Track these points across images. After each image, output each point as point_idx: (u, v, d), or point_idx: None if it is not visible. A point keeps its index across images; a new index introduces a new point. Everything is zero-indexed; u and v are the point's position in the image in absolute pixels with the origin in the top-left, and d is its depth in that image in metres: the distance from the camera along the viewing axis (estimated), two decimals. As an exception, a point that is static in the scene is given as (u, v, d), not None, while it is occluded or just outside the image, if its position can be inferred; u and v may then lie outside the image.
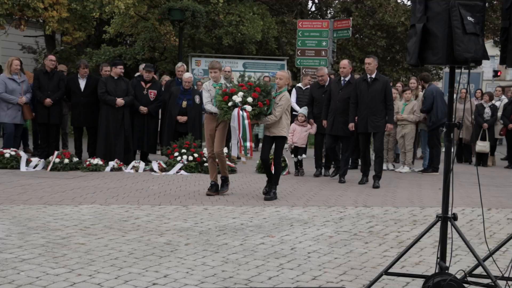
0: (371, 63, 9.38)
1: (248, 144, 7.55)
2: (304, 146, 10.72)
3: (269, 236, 5.71)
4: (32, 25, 20.14)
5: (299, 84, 12.94)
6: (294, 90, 12.11)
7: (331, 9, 28.86)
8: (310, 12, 29.06)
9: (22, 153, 10.34)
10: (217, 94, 7.72)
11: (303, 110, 10.47)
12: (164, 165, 10.34)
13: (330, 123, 9.85)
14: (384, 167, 12.05)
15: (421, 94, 12.03)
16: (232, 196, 8.01)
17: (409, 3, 26.96)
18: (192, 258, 4.80)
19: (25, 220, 6.02)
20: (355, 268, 4.71)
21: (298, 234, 5.83)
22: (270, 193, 7.84)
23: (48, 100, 10.68)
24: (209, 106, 7.97)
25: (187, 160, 10.32)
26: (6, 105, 10.54)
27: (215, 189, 8.05)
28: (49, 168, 9.98)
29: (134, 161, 10.50)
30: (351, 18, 19.40)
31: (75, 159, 10.30)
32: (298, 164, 10.61)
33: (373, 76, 9.40)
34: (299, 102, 13.37)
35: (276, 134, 7.74)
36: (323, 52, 18.04)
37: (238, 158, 9.57)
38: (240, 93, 7.50)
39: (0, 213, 6.34)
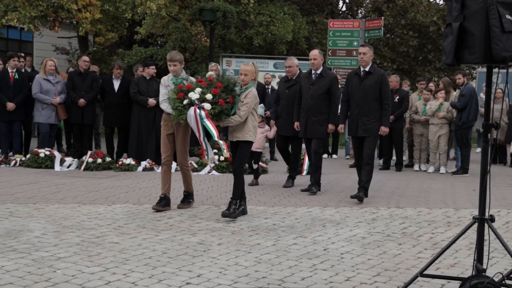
0: (366, 53, 7.87)
1: (219, 141, 6.62)
2: (260, 150, 9.25)
3: (302, 236, 5.69)
4: (66, 26, 20.44)
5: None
6: None
7: (362, 8, 28.68)
8: (341, 12, 28.92)
9: (56, 153, 10.51)
10: (171, 91, 6.62)
11: (259, 109, 9.43)
12: (195, 165, 10.38)
13: (303, 124, 8.44)
14: (416, 168, 11.95)
15: (453, 94, 11.86)
16: (263, 197, 8.00)
17: (441, 2, 26.64)
18: (225, 258, 4.81)
19: (60, 219, 6.11)
20: (389, 269, 4.66)
21: (331, 235, 5.80)
22: (229, 208, 6.45)
23: (81, 101, 10.83)
24: (165, 105, 6.85)
25: (218, 160, 10.35)
26: (41, 105, 10.71)
27: (163, 203, 6.81)
28: (82, 167, 10.11)
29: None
30: (382, 18, 19.24)
31: (108, 159, 10.42)
32: (254, 172, 9.18)
33: (367, 69, 7.92)
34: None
35: (240, 138, 6.50)
36: (354, 52, 17.93)
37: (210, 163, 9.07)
38: (198, 89, 6.35)
39: (36, 212, 6.44)
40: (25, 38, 24.49)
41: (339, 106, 8.47)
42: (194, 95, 6.30)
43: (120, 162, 10.29)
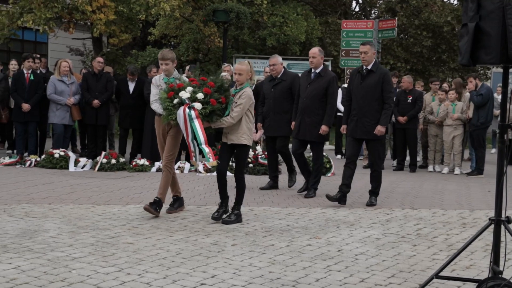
0: (367, 51, 7.46)
1: (205, 148, 6.02)
2: None
3: (316, 237, 5.68)
4: (80, 27, 20.58)
5: (344, 85, 12.88)
6: (340, 91, 11.99)
7: (375, 9, 28.61)
8: (354, 13, 28.86)
9: (70, 153, 10.56)
10: (161, 91, 6.32)
11: None
12: (209, 166, 10.38)
13: (297, 124, 8.12)
14: (430, 168, 11.89)
15: (467, 94, 11.79)
16: (277, 197, 7.99)
17: (455, 2, 26.49)
18: (239, 258, 4.81)
19: (75, 219, 6.14)
20: (403, 271, 4.63)
21: (345, 236, 5.78)
22: (231, 216, 6.25)
23: (96, 102, 10.88)
24: (156, 106, 6.53)
25: (233, 160, 10.33)
26: (55, 106, 10.78)
27: (177, 205, 6.76)
28: (96, 168, 10.16)
29: (179, 161, 10.60)
30: (396, 18, 19.18)
31: (122, 160, 10.46)
32: None
33: (369, 67, 7.53)
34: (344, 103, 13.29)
35: (234, 141, 6.18)
36: (368, 53, 17.86)
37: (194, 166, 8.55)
38: (189, 88, 6.03)
39: (51, 212, 6.48)
40: (40, 40, 24.68)
41: (341, 107, 8.26)
42: (184, 94, 6.00)
43: (134, 163, 10.33)
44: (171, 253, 4.91)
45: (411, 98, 11.57)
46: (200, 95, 5.95)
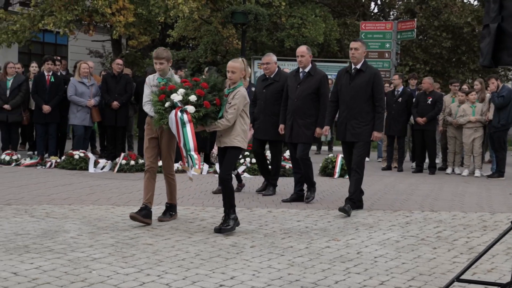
0: (358, 48, 7.05)
1: (193, 154, 5.72)
2: None
3: (335, 239, 5.66)
4: (100, 30, 20.74)
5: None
6: None
7: (394, 10, 28.48)
8: (372, 14, 28.75)
9: (90, 154, 10.65)
10: (153, 94, 5.96)
11: None
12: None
13: (288, 127, 7.68)
14: (449, 171, 11.79)
15: (488, 96, 11.69)
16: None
17: (476, 2, 26.27)
18: (258, 260, 4.81)
19: (95, 220, 6.19)
20: (423, 274, 4.60)
21: (364, 238, 5.75)
22: (228, 222, 5.79)
23: (115, 103, 10.96)
24: (148, 107, 6.18)
25: (250, 162, 10.36)
26: (75, 108, 10.88)
27: (144, 214, 6.03)
28: (115, 169, 10.22)
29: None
30: (415, 19, 19.07)
31: (141, 161, 10.51)
32: (236, 177, 8.38)
33: (358, 66, 7.10)
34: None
35: (227, 144, 5.78)
36: (387, 54, 17.83)
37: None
38: (181, 90, 5.67)
39: (71, 213, 6.54)
40: (60, 42, 24.95)
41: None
42: (176, 97, 5.63)
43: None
44: (190, 254, 4.93)
45: (431, 99, 11.49)
46: (192, 98, 5.60)
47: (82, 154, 10.45)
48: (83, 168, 10.25)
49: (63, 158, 10.58)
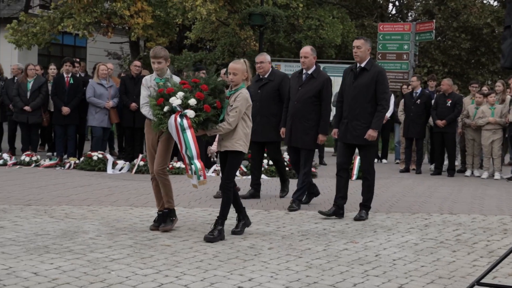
0: (361, 46, 6.75)
1: (197, 163, 5.47)
2: None
3: (353, 242, 5.64)
4: (118, 32, 20.89)
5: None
6: None
7: (412, 11, 28.32)
8: (390, 15, 28.61)
9: (108, 156, 10.71)
10: (150, 97, 5.69)
11: None
12: (244, 169, 10.42)
13: (287, 131, 7.48)
14: (468, 173, 11.69)
15: (508, 97, 11.57)
16: (313, 201, 7.95)
17: (495, 3, 26.05)
18: (276, 262, 4.80)
19: (113, 221, 6.22)
20: (443, 277, 4.56)
21: (382, 241, 5.72)
22: (213, 232, 5.49)
23: (133, 105, 11.01)
24: (146, 110, 5.88)
25: (268, 164, 10.35)
26: (94, 109, 10.95)
27: (161, 222, 5.91)
28: (134, 170, 10.27)
29: (215, 164, 10.64)
30: (434, 21, 18.95)
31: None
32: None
33: (362, 64, 6.79)
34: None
35: (228, 148, 5.59)
36: (405, 56, 17.73)
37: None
38: (180, 93, 5.40)
39: (90, 213, 6.58)
40: (79, 44, 25.18)
41: (334, 109, 7.47)
42: (175, 101, 5.37)
43: (170, 166, 10.41)
44: (208, 255, 4.94)
45: (450, 101, 11.40)
46: (192, 101, 5.34)
47: (100, 155, 10.52)
48: (102, 169, 10.31)
49: (81, 159, 10.65)
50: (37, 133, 11.93)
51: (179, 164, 10.41)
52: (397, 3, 28.38)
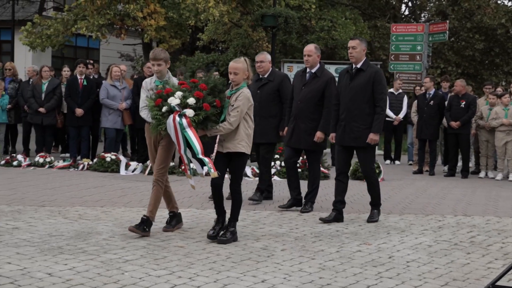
0: (356, 47, 6.57)
1: (204, 158, 5.42)
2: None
3: (366, 243, 5.62)
4: (131, 33, 20.98)
5: (391, 90, 12.68)
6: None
7: (425, 12, 28.19)
8: (403, 16, 28.50)
9: (121, 157, 10.75)
10: (148, 99, 5.61)
11: None
12: (257, 170, 10.40)
13: (289, 130, 7.28)
14: (482, 174, 11.61)
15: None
16: (326, 203, 7.92)
17: (510, 3, 25.88)
18: (288, 264, 4.80)
19: (127, 222, 6.24)
20: (457, 279, 4.53)
21: (396, 242, 5.70)
22: (226, 234, 5.50)
23: (146, 106, 11.05)
24: (145, 113, 5.80)
25: (280, 165, 10.34)
26: (107, 111, 11.00)
27: (174, 222, 6.01)
28: (146, 172, 10.29)
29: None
30: (447, 21, 18.85)
31: (171, 164, 10.57)
32: None
33: (358, 65, 6.63)
34: (392, 108, 13.09)
35: (230, 149, 5.49)
36: (418, 57, 17.63)
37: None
38: (178, 93, 5.31)
39: (103, 215, 6.61)
40: (92, 46, 25.30)
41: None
42: (174, 100, 5.28)
43: (183, 167, 10.42)
44: (221, 257, 4.94)
45: (464, 102, 11.33)
46: (191, 100, 5.25)
47: (113, 157, 10.56)
48: (115, 171, 10.35)
49: (95, 160, 10.70)
50: (51, 134, 11.99)
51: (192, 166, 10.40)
52: (410, 4, 28.26)
